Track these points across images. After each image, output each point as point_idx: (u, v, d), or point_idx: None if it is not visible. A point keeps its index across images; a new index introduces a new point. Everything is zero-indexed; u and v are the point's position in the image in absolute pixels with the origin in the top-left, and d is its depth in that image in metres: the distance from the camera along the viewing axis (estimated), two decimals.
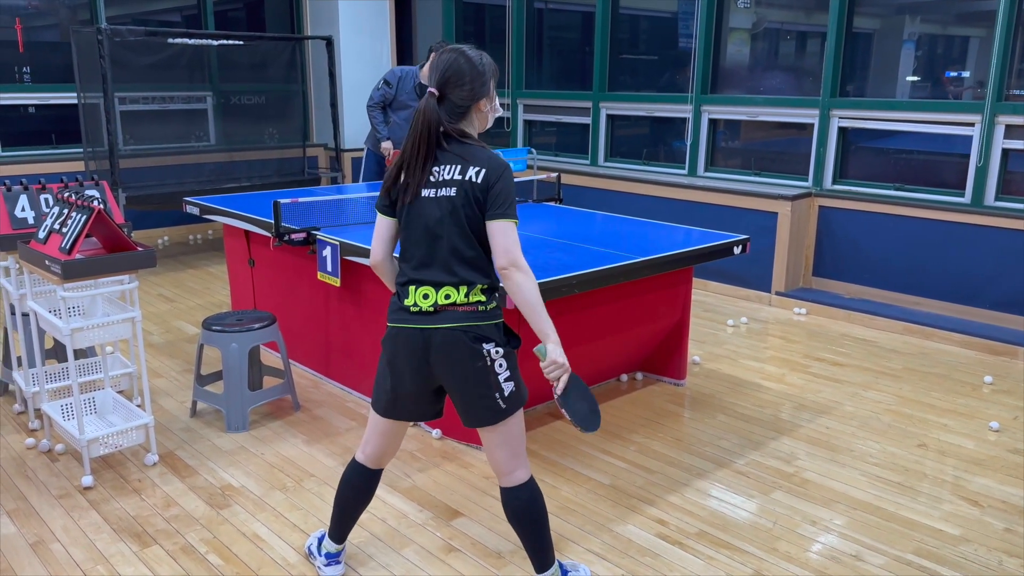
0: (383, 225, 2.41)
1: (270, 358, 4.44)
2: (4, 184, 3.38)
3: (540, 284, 3.09)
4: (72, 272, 2.90)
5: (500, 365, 2.29)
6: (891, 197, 5.45)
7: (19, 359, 3.73)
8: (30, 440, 3.49)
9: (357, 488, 2.54)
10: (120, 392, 3.82)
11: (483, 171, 2.23)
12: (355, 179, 7.71)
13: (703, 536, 2.87)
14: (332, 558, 2.62)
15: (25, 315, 3.50)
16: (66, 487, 3.14)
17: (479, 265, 2.29)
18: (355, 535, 2.83)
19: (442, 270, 2.27)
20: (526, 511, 2.39)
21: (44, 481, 3.19)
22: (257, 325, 3.67)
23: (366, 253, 3.56)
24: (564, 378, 2.26)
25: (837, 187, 5.74)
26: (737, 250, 3.95)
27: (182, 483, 3.19)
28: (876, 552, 2.79)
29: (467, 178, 2.23)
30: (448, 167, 2.25)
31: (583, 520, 2.96)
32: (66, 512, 2.97)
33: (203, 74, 7.63)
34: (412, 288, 2.29)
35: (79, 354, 3.86)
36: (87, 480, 3.13)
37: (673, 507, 3.06)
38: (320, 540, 2.67)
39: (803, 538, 2.87)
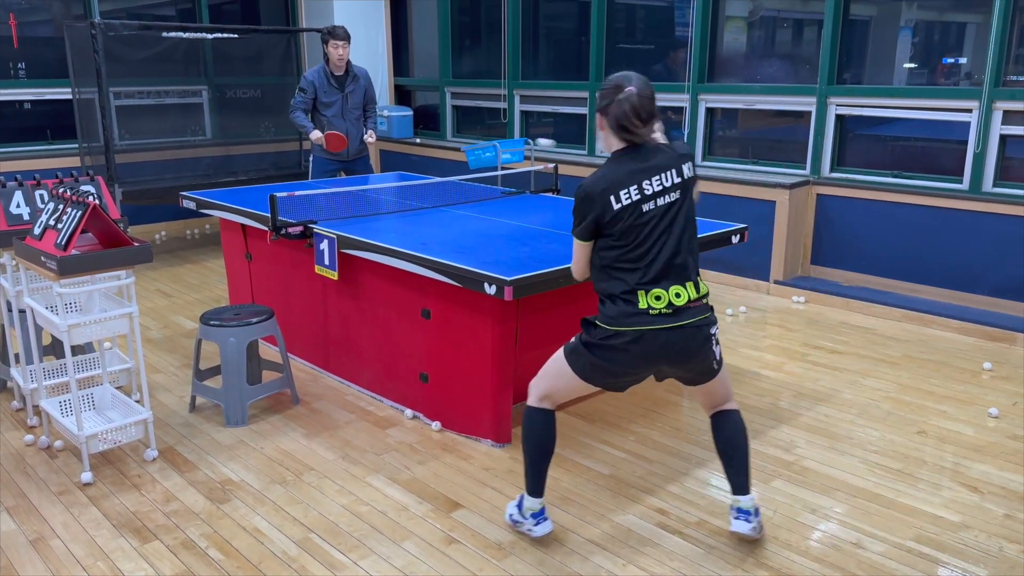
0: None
1: (269, 352, 4.43)
2: None
3: (538, 275, 3.11)
4: (68, 268, 2.90)
5: (716, 341, 2.59)
6: (889, 184, 5.43)
7: (17, 356, 3.72)
8: (29, 437, 3.49)
9: (551, 430, 2.71)
10: (118, 388, 3.81)
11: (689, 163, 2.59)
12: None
13: (703, 525, 2.87)
14: (539, 516, 2.73)
15: (22, 312, 3.48)
16: (65, 483, 3.14)
17: (696, 259, 2.59)
18: (355, 528, 2.84)
19: (671, 271, 2.50)
20: (743, 432, 2.73)
21: (43, 478, 3.19)
22: (255, 319, 3.66)
23: (363, 246, 3.57)
24: None
25: (835, 175, 5.73)
26: (735, 239, 3.94)
27: (182, 478, 3.19)
28: (876, 539, 2.79)
29: (684, 179, 2.54)
30: (663, 175, 2.51)
31: (583, 510, 2.96)
32: (66, 508, 2.97)
33: (198, 68, 7.60)
34: (642, 292, 2.47)
35: (77, 350, 3.85)
36: (86, 476, 3.13)
37: (673, 496, 3.06)
38: (519, 506, 2.76)
39: (803, 526, 2.87)
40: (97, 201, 2.96)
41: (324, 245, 3.77)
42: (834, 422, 3.70)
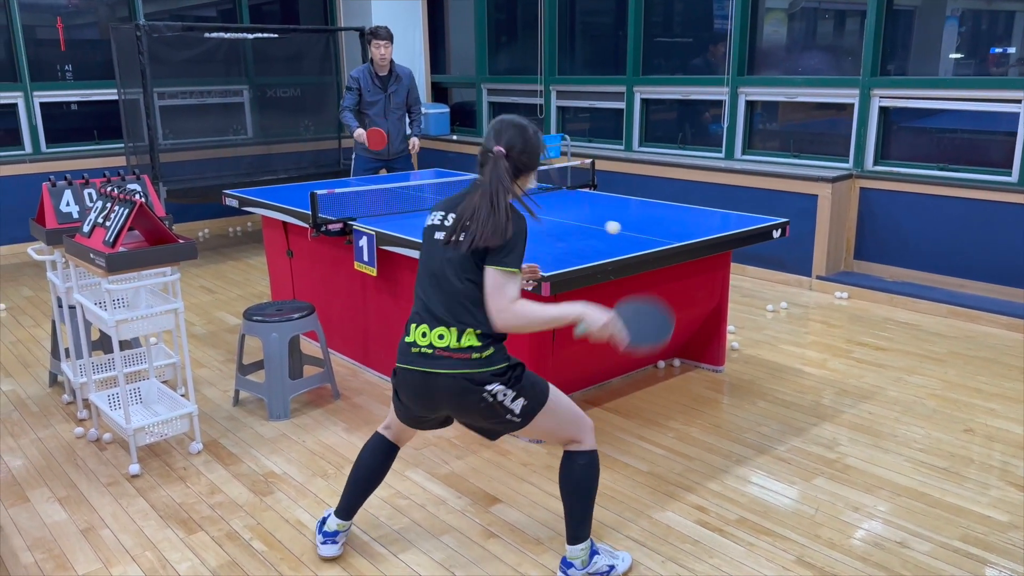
0: None
1: (310, 347, 4.49)
2: (49, 180, 3.46)
3: (576, 270, 3.10)
4: (116, 265, 2.96)
5: (504, 395, 2.29)
6: (934, 177, 5.32)
7: (67, 351, 3.82)
8: (79, 429, 3.58)
9: (378, 459, 2.61)
10: (164, 382, 3.90)
11: None
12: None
13: (743, 523, 2.85)
14: (330, 537, 2.64)
15: (72, 308, 3.58)
16: (114, 475, 3.22)
17: (474, 309, 2.26)
18: (395, 521, 2.86)
19: (441, 310, 2.29)
20: (576, 476, 2.42)
21: (93, 469, 3.27)
22: (296, 315, 3.71)
23: (401, 243, 3.59)
24: (618, 329, 2.27)
25: (879, 168, 5.62)
26: (776, 234, 3.89)
27: (226, 470, 3.25)
28: (922, 539, 2.74)
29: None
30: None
31: (622, 507, 2.95)
32: (114, 499, 3.04)
33: (239, 68, 7.72)
34: (413, 325, 2.35)
35: (124, 345, 3.94)
36: (134, 468, 3.20)
37: (713, 494, 3.04)
38: (325, 518, 2.69)
39: (846, 524, 2.83)
40: (143, 199, 3.02)
41: (363, 242, 3.80)
42: (878, 419, 3.64)
